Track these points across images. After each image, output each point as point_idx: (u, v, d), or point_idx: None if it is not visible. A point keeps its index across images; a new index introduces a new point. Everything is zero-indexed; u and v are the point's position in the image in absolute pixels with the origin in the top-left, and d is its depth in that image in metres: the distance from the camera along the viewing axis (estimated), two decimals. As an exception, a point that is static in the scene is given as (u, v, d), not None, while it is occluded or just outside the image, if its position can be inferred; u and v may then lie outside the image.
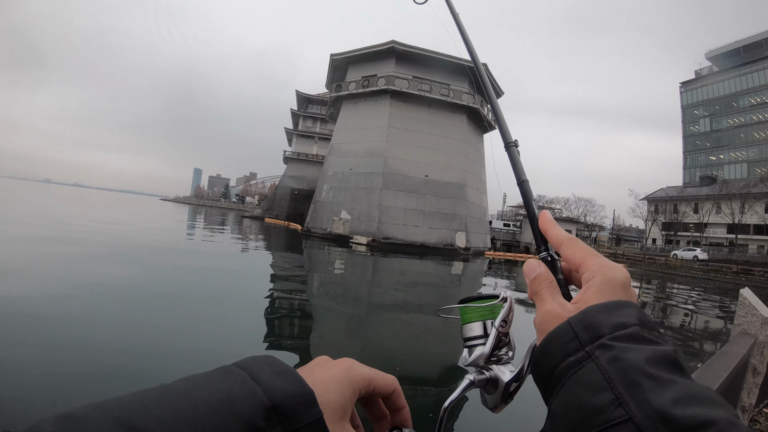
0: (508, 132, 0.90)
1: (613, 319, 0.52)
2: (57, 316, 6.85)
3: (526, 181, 0.81)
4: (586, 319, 0.53)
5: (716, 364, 2.47)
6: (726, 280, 41.14)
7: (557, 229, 0.68)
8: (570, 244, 0.64)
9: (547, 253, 0.68)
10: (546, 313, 0.60)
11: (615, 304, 0.54)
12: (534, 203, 0.76)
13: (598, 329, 0.51)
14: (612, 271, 0.58)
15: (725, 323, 14.80)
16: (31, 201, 49.86)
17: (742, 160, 75.35)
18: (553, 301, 0.61)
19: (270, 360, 0.46)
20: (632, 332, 0.50)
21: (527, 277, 0.66)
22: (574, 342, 0.52)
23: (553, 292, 0.62)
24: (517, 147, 0.87)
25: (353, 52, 44.64)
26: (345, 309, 11.17)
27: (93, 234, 19.64)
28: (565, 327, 0.54)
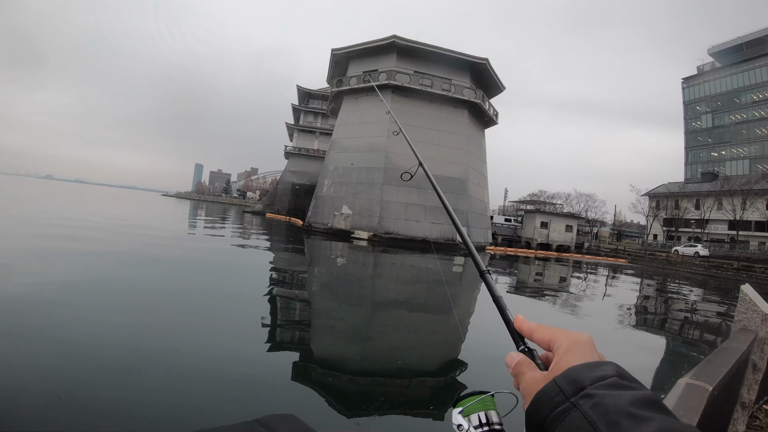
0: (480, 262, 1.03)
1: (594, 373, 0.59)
2: (62, 312, 6.88)
3: (500, 297, 0.90)
4: (569, 375, 0.60)
5: (716, 361, 2.47)
6: (727, 276, 41.19)
7: (528, 323, 0.78)
8: (538, 329, 0.75)
9: (524, 346, 0.78)
10: (530, 379, 0.68)
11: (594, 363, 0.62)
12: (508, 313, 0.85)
13: (580, 382, 0.58)
14: (576, 336, 0.69)
15: (725, 319, 14.82)
16: (38, 198, 49.97)
17: (743, 157, 75.23)
18: (534, 372, 0.70)
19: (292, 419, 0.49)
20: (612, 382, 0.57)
21: (509, 367, 0.75)
22: (560, 396, 0.59)
23: (532, 368, 0.71)
24: (490, 274, 0.99)
25: (354, 47, 44.42)
26: (347, 304, 11.19)
27: (98, 230, 19.68)
28: (551, 384, 0.61)
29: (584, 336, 0.69)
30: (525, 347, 0.78)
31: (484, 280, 0.97)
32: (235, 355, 5.92)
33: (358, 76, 43.70)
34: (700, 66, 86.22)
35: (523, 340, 0.79)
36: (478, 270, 1.01)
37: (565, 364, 0.64)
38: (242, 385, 4.99)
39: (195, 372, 5.15)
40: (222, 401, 4.51)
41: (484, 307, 11.74)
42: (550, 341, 0.71)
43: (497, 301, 0.90)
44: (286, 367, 5.82)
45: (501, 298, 0.90)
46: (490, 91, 48.70)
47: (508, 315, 0.85)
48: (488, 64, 43.66)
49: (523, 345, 0.78)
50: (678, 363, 9.02)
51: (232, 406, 4.37)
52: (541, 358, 0.75)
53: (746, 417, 3.60)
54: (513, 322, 0.81)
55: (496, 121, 49.63)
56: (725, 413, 2.88)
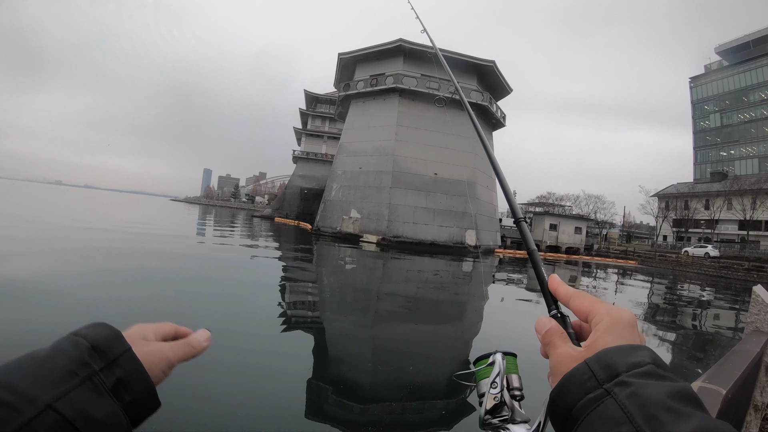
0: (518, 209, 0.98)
1: (629, 359, 0.54)
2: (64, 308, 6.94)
3: (534, 250, 0.87)
4: (603, 359, 0.55)
5: (729, 363, 2.48)
6: (738, 277, 40.90)
7: (565, 287, 0.72)
8: (577, 296, 0.68)
9: (557, 311, 0.72)
10: (561, 356, 0.63)
11: (630, 346, 0.57)
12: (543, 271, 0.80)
13: (615, 368, 0.53)
14: (618, 313, 0.61)
15: (737, 321, 14.73)
16: (59, 205, 50.24)
17: (753, 156, 74.68)
18: (567, 346, 0.64)
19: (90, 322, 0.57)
20: (648, 370, 0.52)
21: (538, 333, 0.69)
22: (592, 380, 0.54)
23: (564, 340, 0.66)
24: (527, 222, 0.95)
25: (361, 51, 44.58)
26: (356, 310, 11.21)
27: (111, 234, 19.80)
28: (582, 367, 0.56)
29: (627, 314, 0.62)
30: (558, 312, 0.72)
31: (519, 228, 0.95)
32: (241, 362, 5.94)
33: (365, 80, 43.77)
34: (708, 65, 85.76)
35: (556, 304, 0.73)
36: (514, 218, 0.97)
37: (601, 344, 0.59)
38: (248, 392, 5.02)
39: (206, 386, 5.19)
40: (239, 419, 4.54)
41: (492, 311, 11.73)
42: (588, 313, 0.65)
43: (531, 255, 0.86)
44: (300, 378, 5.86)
45: (535, 251, 0.87)
46: (498, 93, 48.66)
47: (543, 273, 0.79)
48: (495, 66, 43.63)
49: (555, 309, 0.72)
50: (690, 366, 8.99)
51: (242, 421, 4.41)
52: (574, 327, 0.69)
53: (759, 420, 3.60)
54: (548, 283, 0.75)
55: (504, 123, 49.57)
56: (738, 416, 2.88)
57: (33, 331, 6.04)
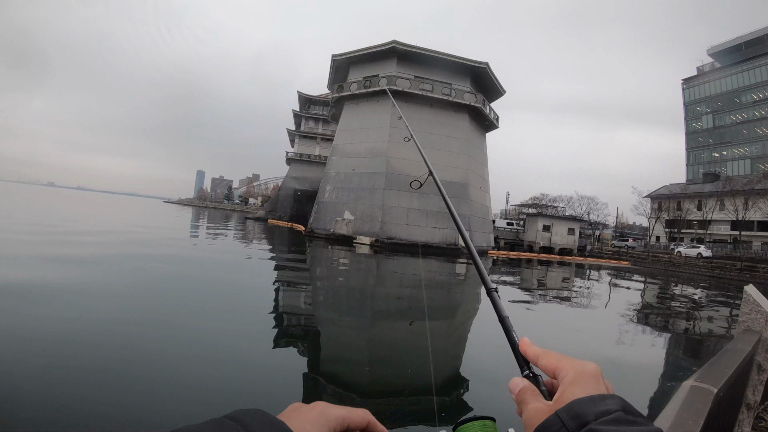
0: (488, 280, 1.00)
1: (598, 407, 0.55)
2: (65, 316, 6.89)
3: (506, 318, 0.88)
4: (573, 409, 0.57)
5: (721, 362, 2.48)
6: (730, 277, 41.09)
7: (533, 348, 0.74)
8: (544, 356, 0.71)
9: (529, 371, 0.74)
10: (532, 410, 0.64)
11: (598, 396, 0.58)
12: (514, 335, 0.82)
13: (584, 417, 0.54)
14: (582, 366, 0.64)
15: (729, 320, 14.80)
16: (55, 207, 50.01)
17: (745, 157, 75.17)
18: (538, 402, 0.65)
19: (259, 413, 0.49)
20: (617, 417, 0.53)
21: (512, 393, 0.71)
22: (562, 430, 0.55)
23: (536, 396, 0.67)
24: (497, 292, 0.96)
25: (354, 53, 44.60)
26: (349, 313, 11.19)
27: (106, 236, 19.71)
28: (553, 418, 0.58)
29: (591, 366, 0.65)
30: (530, 372, 0.74)
31: (491, 299, 0.95)
32: (239, 363, 5.91)
33: (358, 82, 43.83)
34: (700, 66, 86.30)
35: (528, 364, 0.75)
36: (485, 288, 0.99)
37: (569, 396, 0.60)
38: (248, 394, 4.99)
39: (199, 380, 5.16)
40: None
41: (486, 315, 11.73)
42: (555, 369, 0.67)
43: (503, 322, 0.87)
44: (293, 371, 5.83)
45: (507, 318, 0.88)
46: (491, 95, 48.80)
47: (515, 337, 0.81)
48: (488, 68, 43.76)
49: (528, 370, 0.74)
50: (682, 365, 9.01)
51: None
52: (546, 385, 0.71)
53: (752, 418, 3.60)
54: (519, 345, 0.78)
55: (497, 125, 49.72)
56: (730, 415, 2.88)
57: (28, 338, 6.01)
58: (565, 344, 8.93)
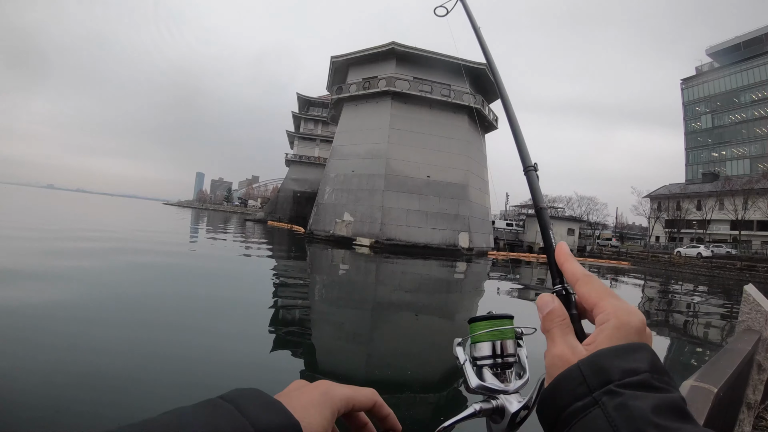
0: (528, 155, 0.85)
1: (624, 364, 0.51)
2: (62, 318, 6.88)
3: (544, 209, 0.78)
4: (597, 363, 0.52)
5: (721, 361, 2.47)
6: (730, 276, 41.06)
7: (574, 264, 0.66)
8: (586, 281, 0.63)
9: (561, 287, 0.66)
10: (555, 357, 0.58)
11: (627, 348, 0.53)
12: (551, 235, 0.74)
13: (607, 374, 0.50)
14: (627, 316, 0.56)
15: (729, 320, 14.79)
16: (59, 210, 49.97)
17: (744, 156, 75.24)
18: (564, 344, 0.59)
19: (256, 393, 0.47)
20: (642, 379, 0.49)
21: (540, 312, 0.64)
22: (582, 386, 0.51)
23: (565, 331, 0.60)
24: (536, 171, 0.84)
25: (353, 54, 44.62)
26: (349, 312, 11.19)
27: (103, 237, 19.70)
28: (575, 370, 0.53)
29: (636, 318, 0.57)
30: (563, 288, 0.66)
31: (528, 180, 0.83)
32: (234, 372, 5.90)
33: (357, 83, 43.85)
34: (699, 66, 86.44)
35: (562, 278, 0.66)
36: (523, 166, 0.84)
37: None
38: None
39: (197, 379, 5.16)
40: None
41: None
42: (595, 305, 0.59)
43: (540, 213, 0.78)
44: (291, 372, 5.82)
45: (545, 209, 0.79)
46: (490, 96, 48.79)
47: (551, 239, 0.73)
48: (487, 69, 43.49)
49: (560, 285, 0.66)
50: (682, 365, 9.00)
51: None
52: (578, 307, 0.63)
53: (752, 418, 3.59)
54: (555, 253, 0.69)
55: (497, 125, 49.70)
56: (731, 414, 2.88)
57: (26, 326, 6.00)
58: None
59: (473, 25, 1.31)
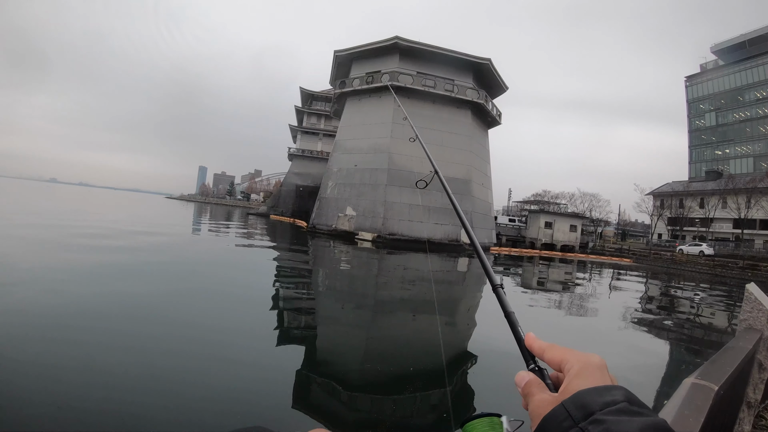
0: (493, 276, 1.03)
1: (603, 398, 0.56)
2: (65, 315, 6.91)
3: (512, 313, 0.90)
4: (578, 400, 0.58)
5: (722, 360, 2.48)
6: (732, 275, 41.02)
7: (539, 342, 0.76)
8: (549, 349, 0.73)
9: (534, 365, 0.76)
10: (538, 401, 0.66)
11: (604, 387, 0.60)
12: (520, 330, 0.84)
13: (589, 407, 0.55)
14: (587, 358, 0.66)
15: (730, 319, 14.79)
16: (68, 204, 50.08)
17: (748, 155, 75.03)
18: (544, 394, 0.67)
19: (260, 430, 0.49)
20: (621, 407, 0.54)
21: (518, 386, 0.73)
22: (568, 420, 0.56)
23: (542, 389, 0.69)
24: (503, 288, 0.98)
25: (357, 49, 44.45)
26: (352, 306, 11.21)
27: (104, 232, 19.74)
28: (559, 408, 0.59)
29: (596, 358, 0.66)
30: (536, 366, 0.75)
31: (496, 295, 0.97)
32: (231, 368, 5.91)
33: (361, 78, 43.77)
34: (703, 64, 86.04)
35: (533, 358, 0.77)
36: (491, 284, 1.00)
37: (574, 387, 0.62)
38: (247, 395, 5.00)
39: (198, 379, 5.18)
40: (227, 416, 4.53)
41: (488, 307, 11.73)
42: (561, 362, 0.69)
43: (509, 317, 0.89)
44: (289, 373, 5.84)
45: (513, 314, 0.89)
46: (493, 91, 48.66)
47: (520, 332, 0.83)
48: (491, 64, 43.63)
49: (533, 364, 0.76)
50: (683, 363, 9.02)
51: (235, 419, 4.39)
52: (552, 379, 0.73)
53: (752, 417, 3.60)
54: (524, 340, 0.79)
55: (500, 121, 49.60)
56: (731, 413, 2.88)
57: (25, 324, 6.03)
58: (566, 342, 8.93)
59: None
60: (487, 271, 1.04)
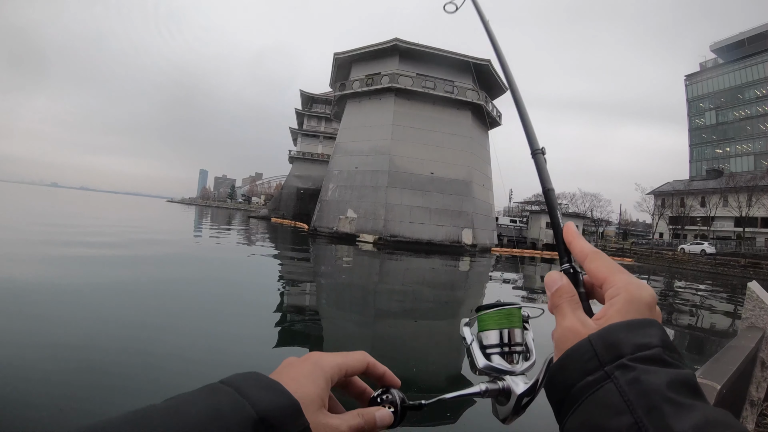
0: (535, 139, 0.87)
1: (636, 338, 0.50)
2: (63, 316, 6.92)
3: (551, 190, 0.79)
4: (608, 337, 0.51)
5: (724, 358, 2.48)
6: (734, 274, 40.93)
7: (582, 242, 0.65)
8: (594, 258, 0.62)
9: (569, 265, 0.65)
10: (566, 329, 0.57)
11: (638, 323, 0.52)
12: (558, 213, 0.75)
13: (619, 349, 0.49)
14: (638, 290, 0.55)
15: (733, 317, 14.77)
16: (77, 208, 50.11)
17: (748, 153, 75.05)
18: (574, 317, 0.58)
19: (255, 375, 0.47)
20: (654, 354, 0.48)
21: (548, 289, 0.63)
22: (593, 361, 0.50)
23: (574, 307, 0.60)
24: (544, 154, 0.84)
25: (357, 51, 44.55)
26: (353, 309, 11.21)
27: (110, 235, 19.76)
28: (585, 344, 0.52)
29: (646, 293, 0.56)
30: (571, 267, 0.65)
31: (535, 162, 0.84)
32: (234, 366, 5.92)
33: (361, 80, 43.80)
34: (703, 62, 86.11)
35: (569, 257, 0.66)
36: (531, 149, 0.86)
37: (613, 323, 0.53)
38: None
39: (201, 376, 5.18)
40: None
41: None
42: (605, 281, 0.58)
43: (547, 194, 0.79)
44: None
45: (552, 190, 0.79)
46: (494, 92, 48.65)
47: (558, 218, 0.72)
48: (491, 65, 43.51)
49: (568, 263, 0.65)
50: (685, 361, 9.00)
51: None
52: (586, 286, 0.63)
53: (755, 415, 3.60)
54: (562, 231, 0.69)
55: (500, 122, 49.63)
56: (734, 412, 2.88)
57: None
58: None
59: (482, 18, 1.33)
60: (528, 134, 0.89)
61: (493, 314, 0.68)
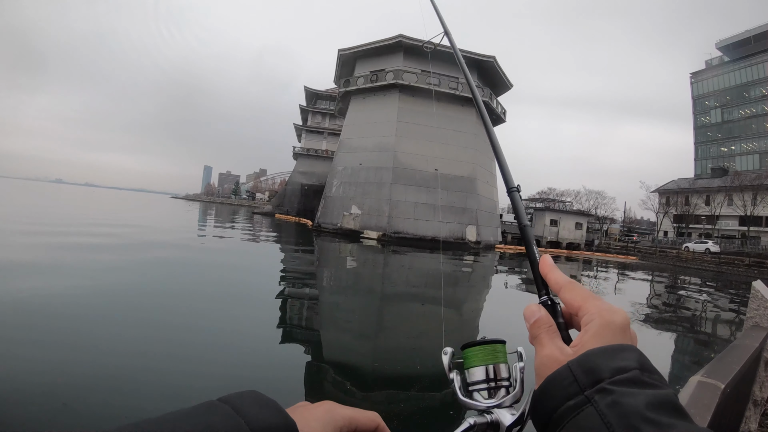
0: (511, 177, 0.91)
1: (613, 362, 0.51)
2: (68, 315, 6.94)
3: (526, 226, 0.83)
4: (586, 362, 0.53)
5: (728, 358, 2.48)
6: (738, 272, 40.82)
7: (557, 273, 0.67)
8: (569, 288, 0.64)
9: (547, 297, 0.68)
10: (545, 357, 0.59)
11: (615, 348, 0.54)
12: (534, 247, 0.77)
13: (597, 373, 0.51)
14: (611, 315, 0.58)
15: (737, 316, 14.73)
16: (83, 205, 50.25)
17: (754, 151, 74.76)
18: (552, 345, 0.60)
19: (253, 394, 0.47)
20: (632, 376, 0.50)
21: (527, 322, 0.65)
22: (573, 386, 0.51)
23: (552, 336, 0.62)
24: (519, 192, 0.89)
25: (361, 47, 44.49)
26: (357, 304, 11.22)
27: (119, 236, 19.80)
28: (565, 370, 0.54)
29: (620, 316, 0.58)
30: (549, 299, 0.68)
31: (511, 200, 0.89)
32: (233, 366, 5.93)
33: (365, 76, 43.73)
34: (708, 60, 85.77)
35: (547, 289, 0.69)
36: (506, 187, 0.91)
37: (589, 348, 0.56)
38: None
39: (204, 377, 5.20)
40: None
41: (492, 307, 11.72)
42: (579, 308, 0.61)
43: (523, 231, 0.82)
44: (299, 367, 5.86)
45: (528, 226, 0.83)
46: (498, 89, 48.55)
47: (534, 254, 0.75)
48: (495, 62, 43.51)
49: (546, 296, 0.68)
50: (689, 360, 9.00)
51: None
52: (564, 317, 0.65)
53: (758, 415, 3.61)
54: (539, 265, 0.71)
55: (504, 119, 49.55)
56: (737, 411, 2.89)
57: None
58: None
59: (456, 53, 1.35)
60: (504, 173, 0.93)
61: (478, 351, 0.68)
